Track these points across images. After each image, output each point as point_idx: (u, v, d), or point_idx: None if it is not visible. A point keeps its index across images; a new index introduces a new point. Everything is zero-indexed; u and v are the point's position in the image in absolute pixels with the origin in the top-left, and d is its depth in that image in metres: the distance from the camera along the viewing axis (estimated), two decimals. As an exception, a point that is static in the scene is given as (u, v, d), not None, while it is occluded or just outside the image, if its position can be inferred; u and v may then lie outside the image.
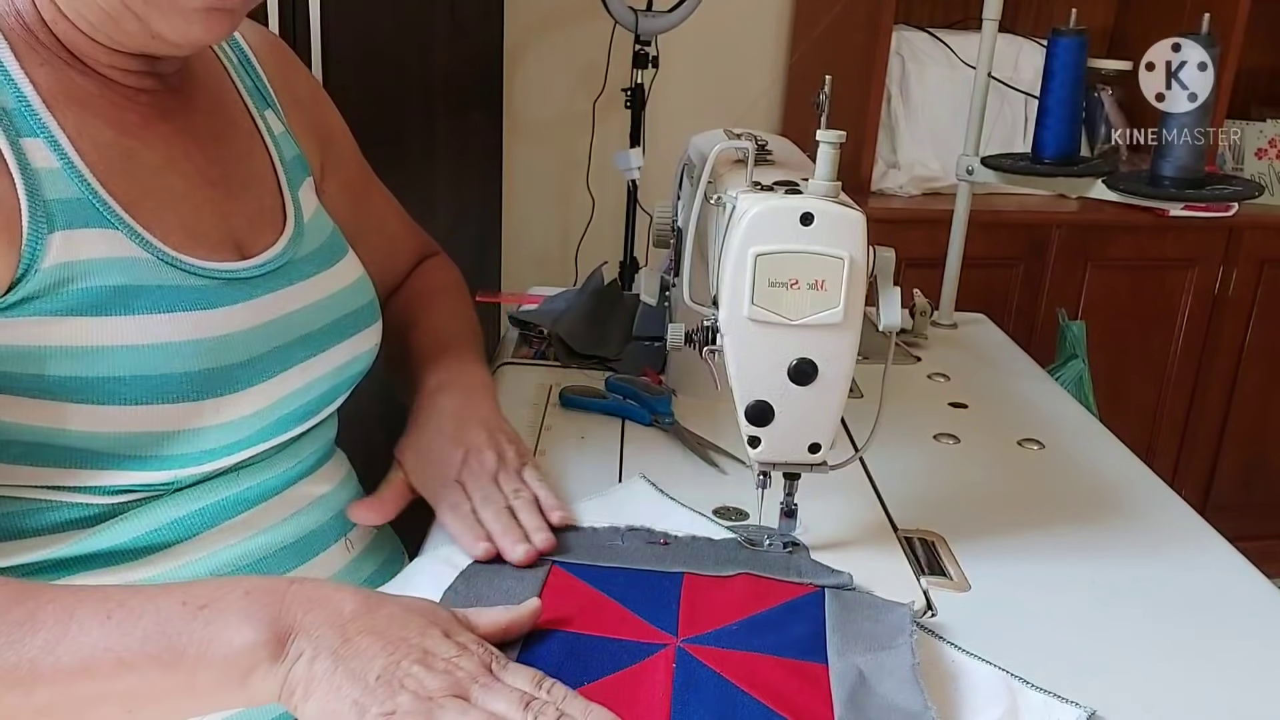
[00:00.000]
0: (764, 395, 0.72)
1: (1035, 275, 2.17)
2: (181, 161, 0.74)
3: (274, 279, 0.76)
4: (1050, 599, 0.76)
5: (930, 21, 2.30)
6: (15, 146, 0.63)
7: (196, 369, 0.68)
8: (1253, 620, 0.75)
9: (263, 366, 0.73)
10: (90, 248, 0.65)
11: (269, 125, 0.85)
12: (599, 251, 2.20)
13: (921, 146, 2.22)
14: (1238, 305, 2.27)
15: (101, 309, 0.64)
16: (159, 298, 0.67)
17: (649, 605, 0.69)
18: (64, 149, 0.66)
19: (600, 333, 1.21)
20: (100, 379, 0.64)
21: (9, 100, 0.65)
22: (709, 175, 0.79)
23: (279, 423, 0.75)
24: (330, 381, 0.80)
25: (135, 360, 0.65)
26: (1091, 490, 0.94)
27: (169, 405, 0.66)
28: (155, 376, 0.66)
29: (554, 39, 2.30)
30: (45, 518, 0.68)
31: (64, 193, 0.65)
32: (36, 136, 0.65)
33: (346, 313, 0.83)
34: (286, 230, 0.80)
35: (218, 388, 0.69)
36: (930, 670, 0.66)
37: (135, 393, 0.65)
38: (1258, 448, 2.42)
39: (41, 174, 0.64)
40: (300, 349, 0.77)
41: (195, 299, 0.69)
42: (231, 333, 0.71)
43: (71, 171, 0.66)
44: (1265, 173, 2.31)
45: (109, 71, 0.71)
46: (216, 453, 0.71)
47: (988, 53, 1.33)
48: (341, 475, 0.86)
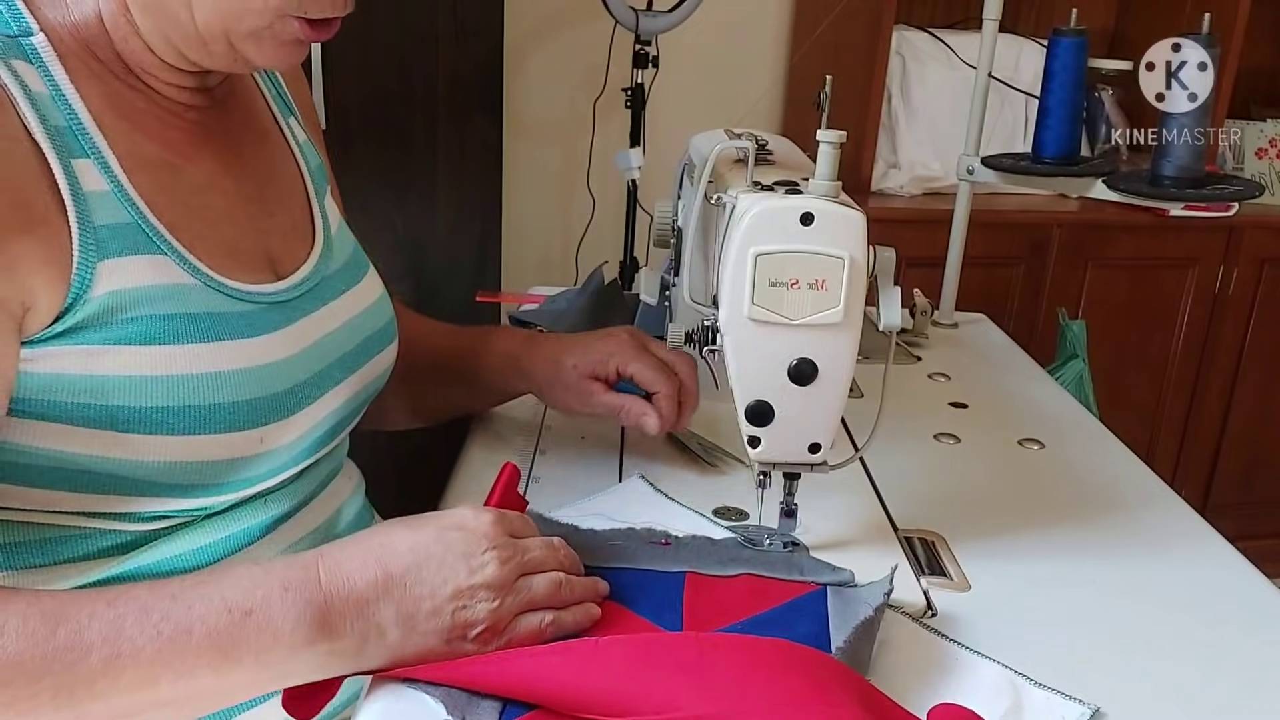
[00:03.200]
0: (764, 395, 0.72)
1: (1035, 275, 2.17)
2: (223, 179, 0.73)
3: (308, 300, 0.76)
4: (1050, 599, 0.76)
5: (930, 21, 2.30)
6: (68, 169, 0.61)
7: (244, 399, 0.67)
8: (1253, 620, 0.75)
9: (304, 393, 0.72)
10: (139, 275, 0.64)
11: (294, 132, 0.85)
12: (599, 251, 2.19)
13: (921, 146, 2.22)
14: (1238, 305, 2.27)
15: (152, 339, 0.63)
16: (206, 326, 0.66)
17: (652, 605, 0.69)
18: (114, 171, 0.64)
19: (600, 333, 1.21)
20: (150, 409, 0.63)
21: (60, 118, 0.63)
22: (709, 175, 0.79)
23: (312, 446, 0.75)
24: (358, 401, 0.80)
25: (186, 391, 0.64)
26: (1091, 490, 0.94)
27: (217, 435, 0.65)
28: (204, 407, 0.65)
29: (554, 39, 2.30)
30: (79, 545, 0.66)
31: (114, 218, 0.63)
32: (87, 157, 0.63)
33: (371, 332, 0.83)
34: (316, 245, 0.80)
35: (264, 417, 0.68)
36: (933, 667, 0.66)
37: (184, 423, 0.64)
38: (1258, 448, 2.42)
39: (92, 198, 0.62)
40: (336, 372, 0.77)
41: (240, 327, 0.68)
42: (275, 361, 0.70)
43: (121, 195, 0.64)
44: (1265, 173, 2.31)
45: (163, 87, 0.70)
46: (255, 479, 0.70)
47: (988, 53, 1.33)
48: (354, 485, 0.86)
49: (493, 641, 0.62)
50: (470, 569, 0.61)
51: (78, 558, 0.67)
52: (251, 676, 0.58)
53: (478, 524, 0.64)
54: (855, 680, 0.59)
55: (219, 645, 0.57)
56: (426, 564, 0.61)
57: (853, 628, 0.65)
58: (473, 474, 0.91)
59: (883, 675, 0.65)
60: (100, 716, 0.56)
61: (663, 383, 0.87)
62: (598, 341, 0.90)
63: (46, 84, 0.63)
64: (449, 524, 0.64)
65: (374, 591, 0.60)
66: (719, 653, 0.58)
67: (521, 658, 0.60)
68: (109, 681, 0.55)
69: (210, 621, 0.57)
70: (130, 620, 0.56)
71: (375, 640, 0.60)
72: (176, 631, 0.56)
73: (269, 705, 0.68)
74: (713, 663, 0.58)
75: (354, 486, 0.86)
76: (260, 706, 0.69)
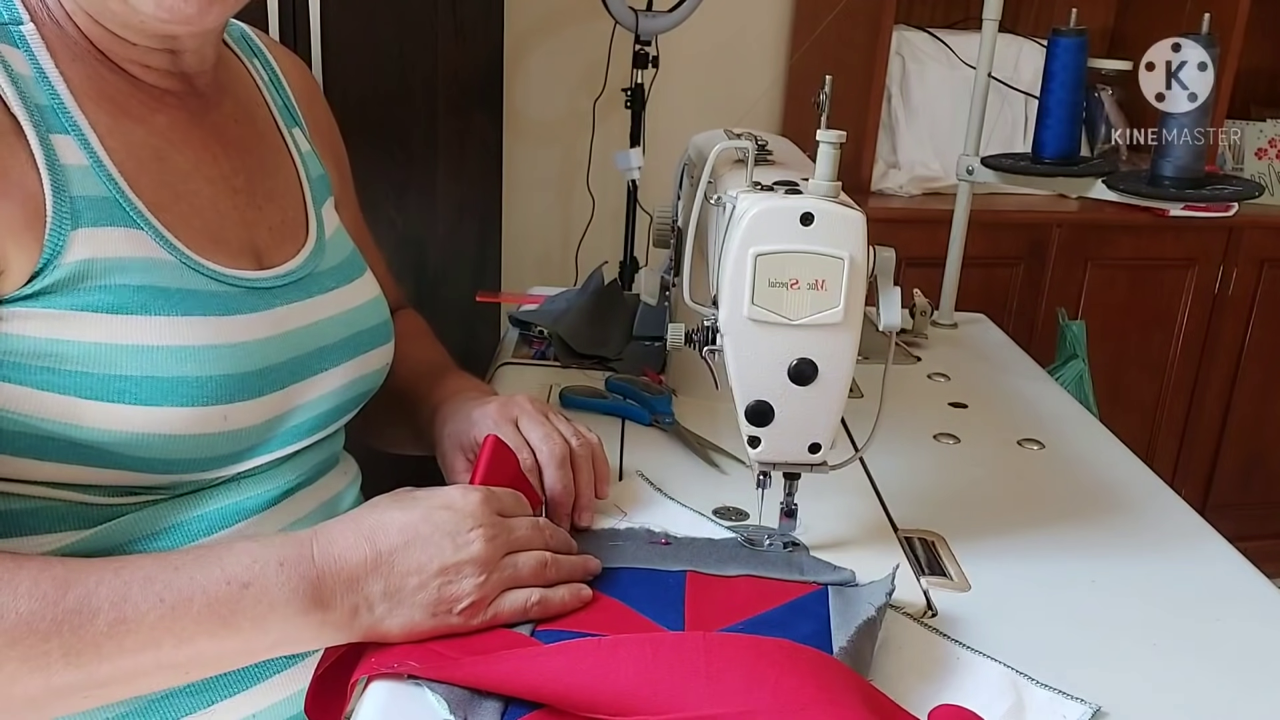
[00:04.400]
0: (764, 395, 0.72)
1: (1035, 275, 2.17)
2: (208, 167, 0.75)
3: (293, 290, 0.77)
4: (1050, 599, 0.76)
5: (930, 21, 2.30)
6: (45, 142, 0.64)
7: (211, 374, 0.68)
8: (1253, 620, 0.75)
9: (276, 376, 0.73)
10: (113, 246, 0.65)
11: (296, 142, 0.86)
12: (599, 251, 2.20)
13: (921, 146, 2.22)
14: (1238, 305, 2.27)
15: (120, 308, 0.65)
16: (179, 301, 0.67)
17: (654, 604, 0.69)
18: (93, 147, 0.66)
19: (600, 333, 1.21)
20: (114, 377, 0.64)
21: (42, 97, 0.65)
22: (709, 175, 0.79)
23: (286, 434, 0.75)
24: (340, 397, 0.80)
25: (150, 361, 0.65)
26: (1091, 490, 0.94)
27: (181, 409, 0.66)
28: (170, 379, 0.66)
29: (554, 39, 2.30)
30: (43, 515, 0.68)
31: (91, 190, 0.65)
32: (67, 134, 0.65)
33: (361, 329, 0.83)
34: (308, 244, 0.81)
35: (231, 394, 0.69)
36: (934, 667, 0.66)
37: (148, 394, 0.65)
38: (1258, 448, 2.42)
39: (70, 170, 0.65)
40: (315, 361, 0.77)
41: (215, 304, 0.69)
42: (248, 340, 0.71)
43: (100, 170, 0.66)
44: (1265, 173, 2.31)
45: (132, 68, 0.72)
46: (222, 460, 0.71)
47: (988, 53, 1.33)
48: (347, 481, 0.86)
49: (477, 616, 0.64)
50: (456, 546, 0.64)
51: (40, 528, 0.68)
52: (249, 643, 0.61)
53: (465, 503, 0.67)
54: (857, 681, 0.59)
55: (219, 614, 0.60)
56: (414, 543, 0.64)
57: (854, 628, 0.65)
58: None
59: (883, 675, 0.65)
60: (107, 676, 0.59)
61: (528, 451, 0.79)
62: (476, 409, 0.83)
63: (32, 68, 0.66)
64: (438, 503, 0.66)
65: (363, 569, 0.63)
66: (725, 652, 0.58)
67: (525, 658, 0.60)
68: (115, 644, 0.58)
69: (211, 591, 0.60)
70: (136, 588, 0.59)
71: (365, 613, 0.62)
72: (179, 600, 0.59)
73: (251, 693, 0.71)
74: (719, 663, 0.58)
75: (350, 480, 0.86)
76: (243, 694, 0.71)
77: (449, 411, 0.86)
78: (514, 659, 0.60)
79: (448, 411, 0.86)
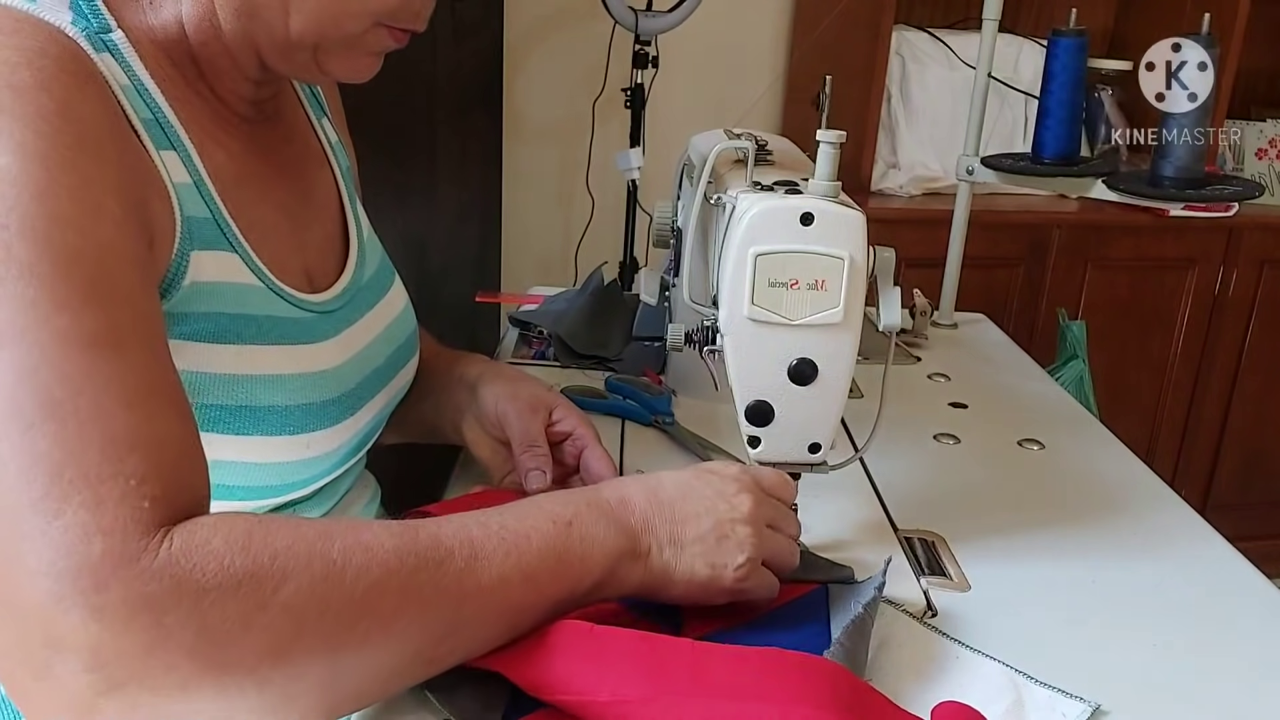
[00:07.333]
0: (764, 395, 0.73)
1: (1035, 275, 2.17)
2: (273, 192, 0.74)
3: (349, 311, 0.76)
4: (1050, 599, 0.76)
5: (930, 21, 2.30)
6: (158, 158, 0.62)
7: (298, 403, 0.67)
8: (1253, 620, 0.75)
9: (349, 402, 0.73)
10: (215, 270, 0.64)
11: (326, 134, 0.85)
12: (599, 251, 2.20)
13: (921, 146, 2.22)
14: (1238, 305, 2.27)
15: (215, 337, 0.63)
16: (268, 329, 0.66)
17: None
18: (196, 165, 0.64)
19: (600, 333, 1.21)
20: (201, 406, 0.63)
21: (145, 111, 0.62)
22: (709, 175, 0.79)
23: (346, 456, 0.75)
24: (385, 413, 0.81)
25: (241, 390, 0.64)
26: (1091, 490, 0.94)
27: (268, 437, 0.66)
28: (260, 408, 0.65)
29: (554, 39, 2.30)
30: None
31: (196, 210, 0.64)
32: (172, 149, 0.63)
33: (400, 343, 0.83)
34: (351, 255, 0.80)
35: (312, 423, 0.69)
36: (934, 666, 0.66)
37: (239, 423, 0.64)
38: (1258, 448, 2.42)
39: (180, 189, 0.63)
40: (374, 382, 0.77)
41: (297, 332, 0.69)
42: (326, 369, 0.71)
43: (203, 189, 0.64)
44: (1265, 173, 2.31)
45: (229, 96, 0.70)
46: (291, 486, 0.70)
47: (988, 53, 1.33)
48: (369, 495, 0.86)
49: (750, 578, 0.65)
50: (730, 505, 0.66)
51: None
52: (577, 584, 0.61)
53: (728, 471, 0.69)
54: (849, 684, 0.59)
55: (554, 550, 0.60)
56: (690, 496, 0.66)
57: (843, 628, 0.65)
58: (474, 476, 0.91)
59: (883, 675, 0.65)
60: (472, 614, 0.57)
61: None
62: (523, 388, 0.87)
63: (129, 77, 0.62)
64: (703, 469, 0.69)
65: (650, 512, 0.65)
66: (712, 662, 0.59)
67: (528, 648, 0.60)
68: (474, 580, 0.56)
69: (543, 529, 0.60)
70: (474, 529, 0.58)
71: (657, 555, 0.64)
72: (516, 538, 0.59)
73: None
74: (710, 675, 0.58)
75: (369, 496, 0.86)
76: None
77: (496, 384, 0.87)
78: (516, 650, 0.60)
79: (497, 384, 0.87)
